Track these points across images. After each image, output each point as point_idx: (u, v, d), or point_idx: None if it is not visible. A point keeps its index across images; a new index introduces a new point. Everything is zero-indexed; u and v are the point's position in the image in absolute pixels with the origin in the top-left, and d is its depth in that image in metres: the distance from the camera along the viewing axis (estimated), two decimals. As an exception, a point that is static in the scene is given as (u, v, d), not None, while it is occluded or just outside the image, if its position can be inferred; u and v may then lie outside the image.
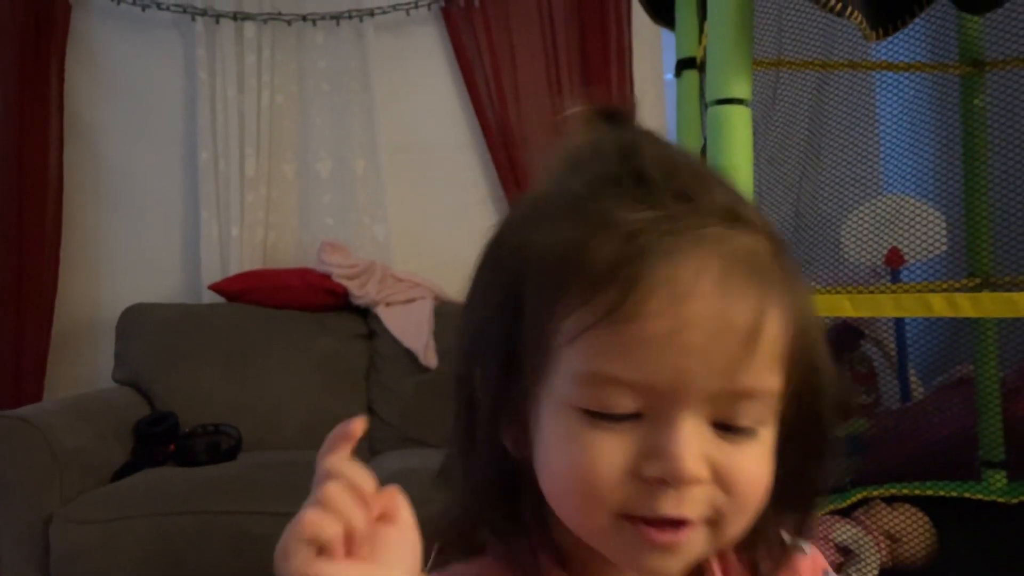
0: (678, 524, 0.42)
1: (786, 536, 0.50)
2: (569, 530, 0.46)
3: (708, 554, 0.46)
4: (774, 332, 0.42)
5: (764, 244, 0.44)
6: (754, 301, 0.41)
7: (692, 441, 0.41)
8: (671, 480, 0.41)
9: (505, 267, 0.46)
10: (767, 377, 0.43)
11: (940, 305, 0.94)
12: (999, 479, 1.81)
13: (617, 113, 0.50)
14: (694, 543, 0.43)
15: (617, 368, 0.41)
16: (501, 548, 0.49)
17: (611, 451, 0.42)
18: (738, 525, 0.44)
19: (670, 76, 3.03)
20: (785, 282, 0.43)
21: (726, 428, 0.42)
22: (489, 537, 0.49)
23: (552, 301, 0.42)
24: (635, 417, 0.42)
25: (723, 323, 0.41)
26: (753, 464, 0.43)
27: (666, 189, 0.43)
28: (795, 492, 0.47)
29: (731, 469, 0.42)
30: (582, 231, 0.42)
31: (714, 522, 0.43)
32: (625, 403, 0.42)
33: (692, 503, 0.42)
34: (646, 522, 0.42)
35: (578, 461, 0.42)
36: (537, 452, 0.45)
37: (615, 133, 0.48)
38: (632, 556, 0.43)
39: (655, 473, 0.41)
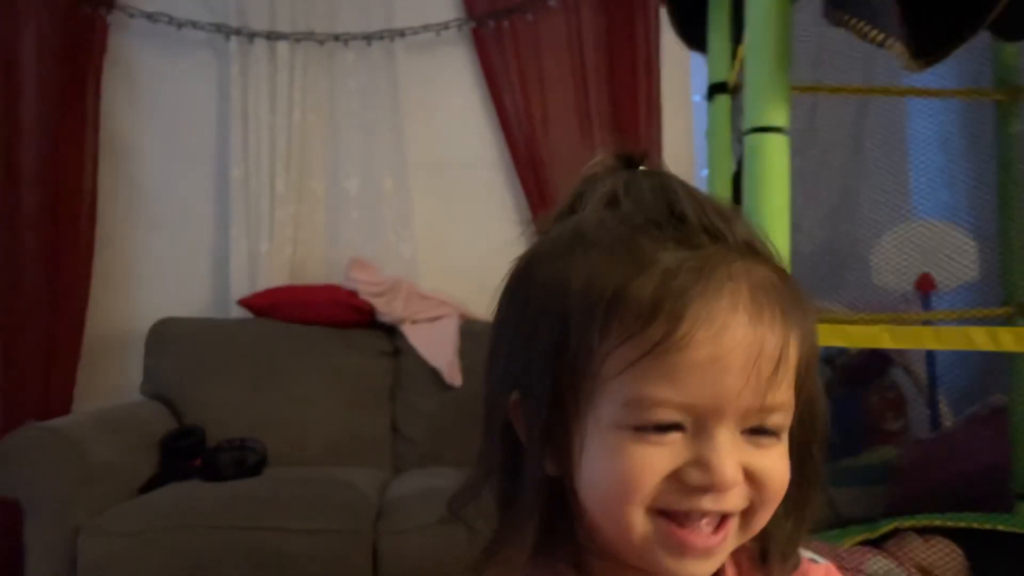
0: (717, 527, 0.48)
1: (803, 552, 0.56)
2: (596, 544, 0.50)
3: (733, 547, 0.50)
4: (793, 353, 0.48)
5: (777, 274, 0.49)
6: (780, 328, 0.47)
7: (730, 451, 0.47)
8: (713, 488, 0.46)
9: (545, 299, 0.50)
10: (787, 392, 0.48)
11: (982, 339, 0.93)
12: (1033, 512, 1.77)
13: (638, 158, 0.55)
14: (729, 543, 0.49)
15: (664, 392, 0.46)
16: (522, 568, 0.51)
17: (656, 459, 0.46)
18: (764, 516, 0.49)
19: (698, 98, 3.04)
20: (798, 308, 0.49)
21: (753, 433, 0.48)
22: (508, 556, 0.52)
23: (599, 336, 0.47)
24: (677, 428, 0.47)
25: (756, 348, 0.46)
26: (778, 462, 0.49)
27: (699, 227, 0.48)
28: (798, 501, 0.52)
29: (760, 469, 0.48)
30: (626, 270, 0.47)
31: (746, 514, 0.49)
32: (669, 416, 0.46)
33: (729, 500, 0.47)
34: (679, 524, 0.47)
35: (623, 467, 0.46)
36: (581, 470, 0.49)
37: (648, 175, 0.52)
38: (669, 560, 0.48)
39: (699, 482, 0.46)
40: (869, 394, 2.27)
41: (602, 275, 0.47)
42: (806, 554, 0.57)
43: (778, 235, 0.99)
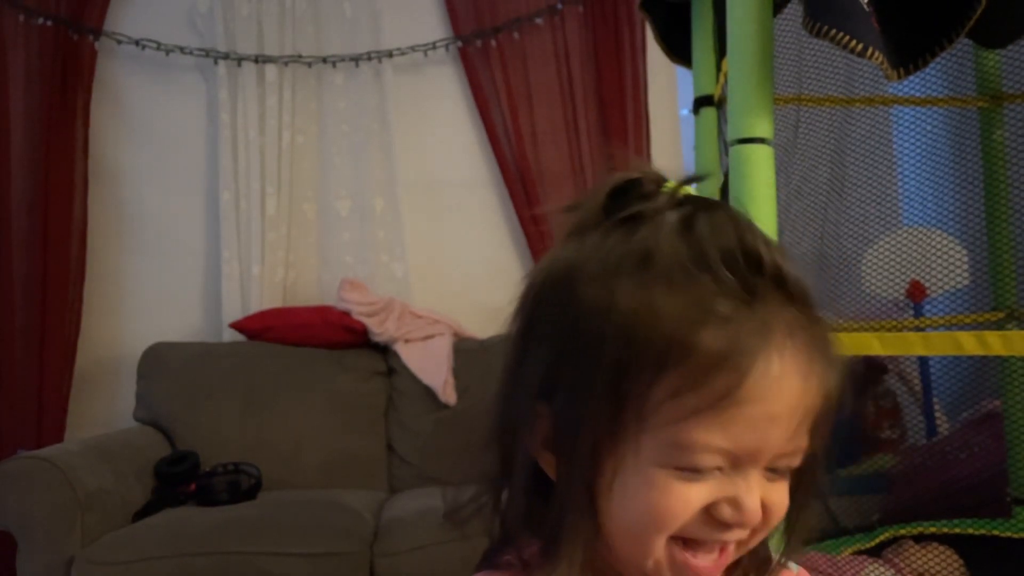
0: (721, 551, 0.51)
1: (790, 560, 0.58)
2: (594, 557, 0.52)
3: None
4: (823, 404, 0.51)
5: (820, 320, 0.51)
6: (819, 382, 0.50)
7: (758, 492, 0.50)
8: (742, 525, 0.49)
9: (598, 323, 0.48)
10: (806, 436, 0.51)
11: (970, 344, 0.93)
12: (1031, 516, 1.77)
13: (687, 181, 0.54)
14: (726, 564, 0.51)
15: (714, 440, 0.47)
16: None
17: (692, 495, 0.48)
18: (760, 539, 0.53)
19: (685, 111, 3.05)
20: (833, 358, 0.51)
21: (770, 470, 0.51)
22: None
23: (657, 380, 0.47)
24: (715, 470, 0.49)
25: (802, 404, 0.49)
26: (784, 495, 0.52)
27: (770, 268, 0.49)
28: (800, 524, 0.56)
29: (771, 502, 0.51)
30: (691, 315, 0.47)
31: (743, 541, 0.51)
32: (712, 461, 0.48)
33: (747, 532, 0.51)
34: (691, 551, 0.50)
35: (660, 502, 0.48)
36: (611, 493, 0.50)
37: (720, 206, 0.52)
38: None
39: (730, 518, 0.49)
40: (865, 403, 2.27)
41: (666, 316, 0.47)
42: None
43: (765, 245, 0.99)
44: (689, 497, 0.48)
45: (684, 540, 0.50)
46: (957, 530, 1.65)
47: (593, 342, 0.48)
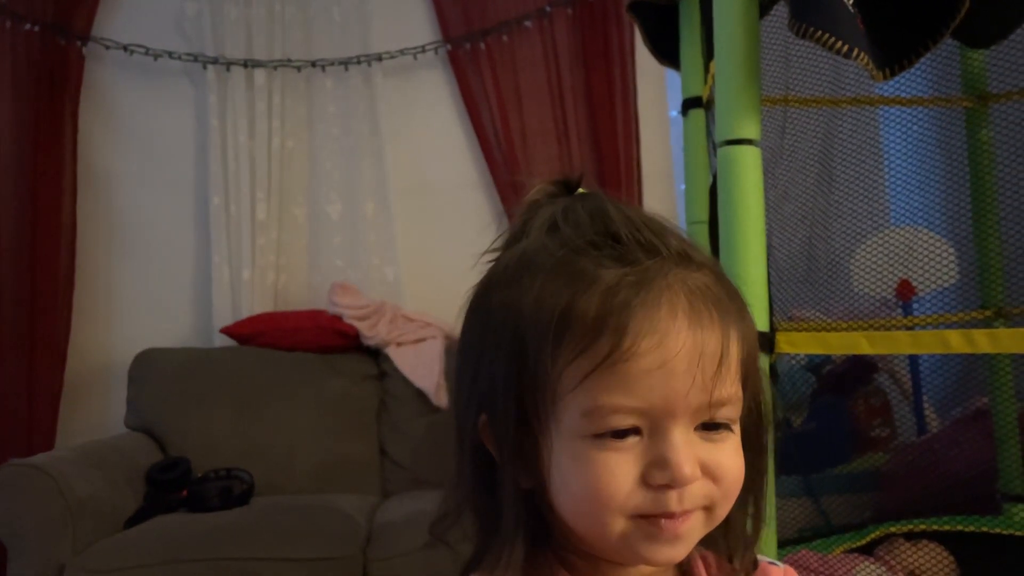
0: (683, 515, 0.50)
1: (761, 557, 0.59)
2: (572, 543, 0.53)
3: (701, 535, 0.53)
4: (735, 349, 0.51)
5: (712, 278, 0.52)
6: (718, 327, 0.50)
7: (685, 449, 0.49)
8: (674, 484, 0.49)
9: (501, 323, 0.52)
10: (733, 386, 0.51)
11: (958, 342, 0.94)
12: (1020, 512, 1.78)
13: (575, 182, 0.58)
14: (696, 530, 0.51)
15: (618, 399, 0.48)
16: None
17: (621, 467, 0.49)
18: (725, 507, 0.52)
19: (674, 113, 3.07)
20: (734, 306, 0.52)
21: (706, 428, 0.51)
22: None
23: (553, 353, 0.49)
24: (634, 433, 0.49)
25: (698, 350, 0.49)
26: (731, 456, 0.52)
27: (635, 244, 0.51)
28: (753, 492, 0.56)
29: (716, 464, 0.50)
30: (571, 289, 0.49)
31: (708, 508, 0.51)
32: (625, 422, 0.49)
33: (691, 497, 0.50)
34: (656, 516, 0.49)
35: (594, 479, 0.49)
36: (553, 480, 0.51)
37: (584, 199, 0.55)
38: (646, 550, 0.50)
39: (661, 481, 0.49)
40: (855, 401, 2.28)
41: (549, 297, 0.50)
42: (764, 558, 0.60)
43: (753, 245, 1.00)
44: (615, 469, 0.49)
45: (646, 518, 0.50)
46: (947, 527, 1.66)
47: (499, 338, 0.52)
